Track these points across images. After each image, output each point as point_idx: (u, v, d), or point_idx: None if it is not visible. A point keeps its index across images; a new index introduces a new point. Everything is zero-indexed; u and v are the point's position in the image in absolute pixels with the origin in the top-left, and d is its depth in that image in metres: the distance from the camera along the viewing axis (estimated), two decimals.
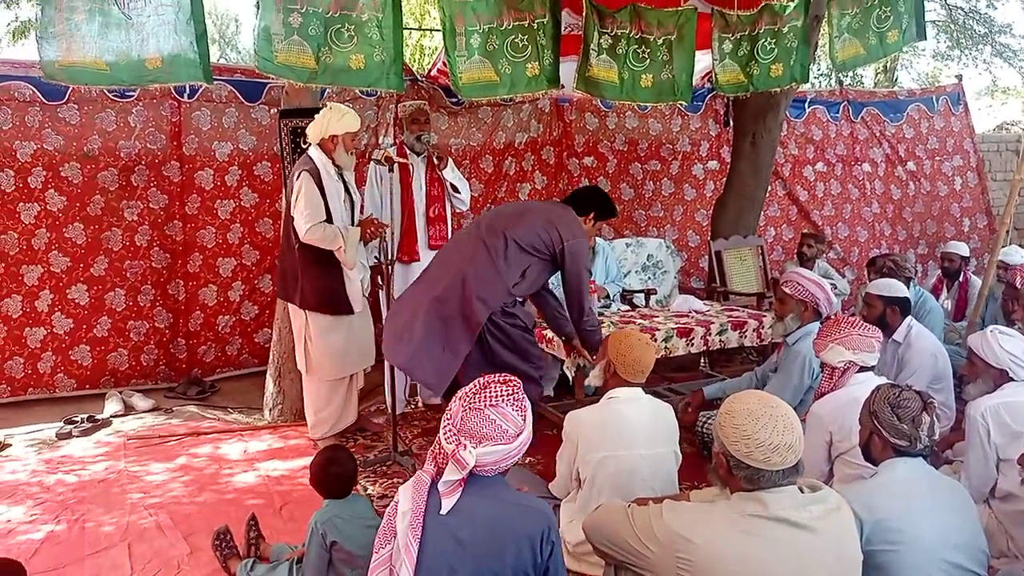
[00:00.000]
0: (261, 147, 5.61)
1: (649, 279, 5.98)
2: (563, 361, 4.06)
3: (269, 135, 5.54)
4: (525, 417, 1.91)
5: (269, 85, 5.44)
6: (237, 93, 5.49)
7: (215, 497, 3.64)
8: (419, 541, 1.82)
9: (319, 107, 4.26)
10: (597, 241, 5.16)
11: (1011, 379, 2.88)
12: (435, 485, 1.89)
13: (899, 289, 3.89)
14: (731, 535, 1.80)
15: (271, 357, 4.69)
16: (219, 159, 5.50)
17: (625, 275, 5.74)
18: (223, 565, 2.92)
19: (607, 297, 5.12)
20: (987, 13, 13.73)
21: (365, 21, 3.68)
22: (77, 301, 5.18)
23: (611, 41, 4.28)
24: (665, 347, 4.27)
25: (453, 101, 6.06)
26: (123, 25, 3.34)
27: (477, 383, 1.93)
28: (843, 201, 7.79)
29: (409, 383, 4.79)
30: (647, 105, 6.59)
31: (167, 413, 4.90)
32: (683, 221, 7.24)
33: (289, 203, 4.00)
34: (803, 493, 1.85)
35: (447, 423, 1.88)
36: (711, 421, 3.78)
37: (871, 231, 7.90)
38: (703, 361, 5.44)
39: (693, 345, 4.38)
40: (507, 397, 1.90)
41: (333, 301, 4.03)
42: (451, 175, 4.62)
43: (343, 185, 4.08)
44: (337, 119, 3.95)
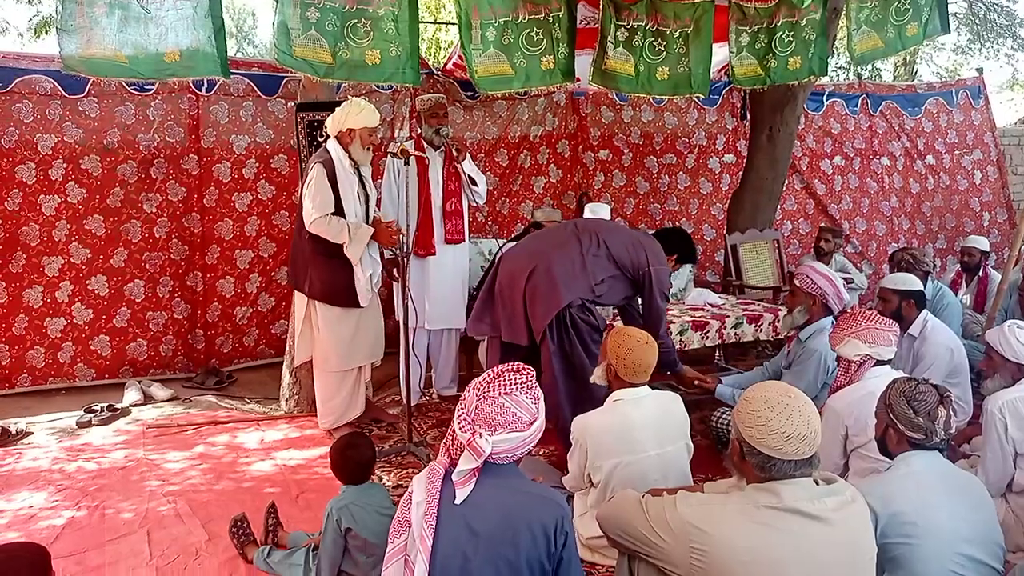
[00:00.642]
0: (278, 140, 5.65)
1: None
2: None
3: (286, 128, 5.57)
4: (539, 405, 1.92)
5: (286, 79, 5.47)
6: (254, 87, 5.53)
7: (232, 485, 3.68)
8: (434, 531, 1.83)
9: (336, 101, 4.29)
10: None
11: None
12: (449, 476, 1.90)
13: (913, 283, 3.86)
14: (745, 526, 1.80)
15: (288, 348, 4.72)
16: (236, 152, 5.54)
17: None
18: (240, 552, 2.96)
19: None
20: (1009, 6, 13.57)
21: (381, 16, 3.70)
22: (97, 292, 5.24)
23: (627, 34, 4.27)
24: (680, 340, 4.26)
25: (468, 95, 6.06)
26: (142, 19, 3.38)
27: (491, 372, 1.94)
28: (861, 195, 7.73)
29: (424, 375, 4.82)
30: (663, 98, 6.57)
31: (185, 403, 4.95)
32: (699, 215, 7.21)
33: (302, 194, 4.04)
34: (818, 485, 1.85)
35: (461, 412, 1.89)
36: (725, 416, 3.78)
37: (889, 225, 7.84)
38: (718, 354, 5.43)
39: (708, 338, 4.37)
40: (521, 385, 1.91)
41: (340, 293, 4.06)
42: (469, 168, 4.62)
43: (359, 179, 4.10)
44: (356, 113, 3.97)
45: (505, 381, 1.90)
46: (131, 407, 4.84)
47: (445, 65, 6.20)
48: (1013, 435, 2.73)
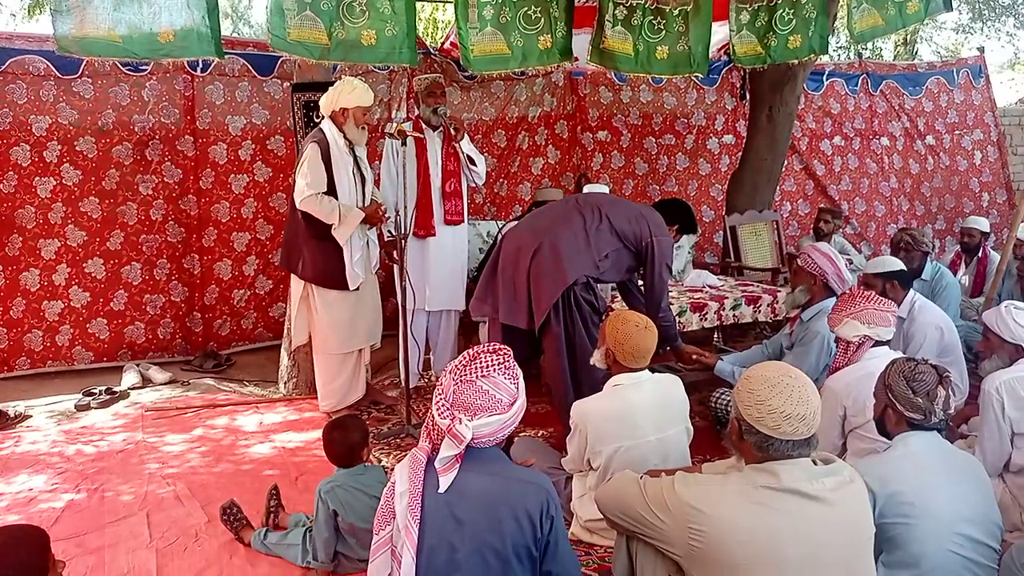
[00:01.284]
0: (274, 121, 5.60)
1: None
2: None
3: (282, 109, 5.53)
4: (518, 385, 1.89)
5: (281, 59, 5.41)
6: (250, 67, 5.48)
7: (232, 468, 3.69)
8: (419, 521, 1.80)
9: (332, 81, 4.25)
10: None
11: None
12: (431, 463, 1.86)
13: (893, 263, 3.84)
14: (743, 506, 1.80)
15: (285, 331, 4.71)
16: (232, 133, 5.50)
17: None
18: (236, 536, 2.97)
19: None
20: None
21: None
22: (94, 275, 5.22)
23: (626, 12, 4.21)
24: (679, 322, 4.25)
25: (466, 75, 6.01)
26: None
27: (466, 354, 1.90)
28: (861, 175, 7.70)
29: (422, 357, 4.82)
30: (662, 78, 6.52)
31: (184, 386, 4.95)
32: (698, 196, 7.19)
33: (296, 173, 4.02)
34: (816, 466, 1.85)
35: (439, 398, 1.84)
36: (724, 396, 3.79)
37: (889, 206, 7.82)
38: (717, 336, 5.42)
39: (707, 320, 4.37)
40: (498, 366, 1.86)
41: (332, 276, 4.05)
42: (467, 147, 4.59)
43: (354, 159, 4.07)
44: (348, 92, 3.95)
45: (481, 363, 1.86)
46: (129, 390, 4.84)
47: (442, 45, 6.15)
48: (1011, 415, 2.73)
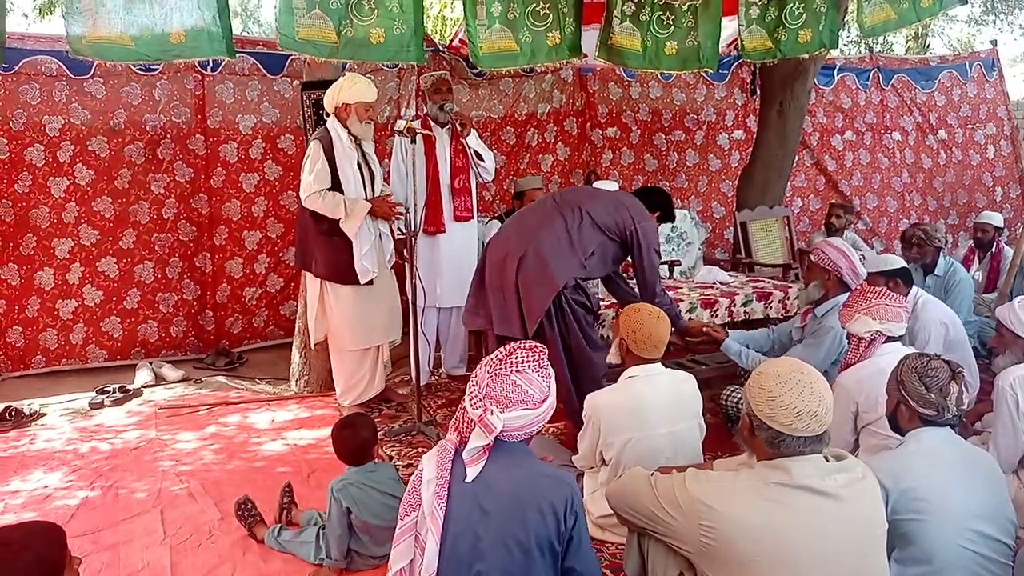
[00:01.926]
0: (284, 120, 5.62)
1: (673, 250, 5.94)
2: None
3: (292, 108, 5.54)
4: (550, 384, 1.93)
5: (291, 57, 5.43)
6: (260, 66, 5.50)
7: (244, 465, 3.71)
8: (444, 508, 1.84)
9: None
10: None
11: None
12: (459, 454, 1.90)
13: (895, 261, 3.81)
14: (755, 503, 1.80)
15: (297, 329, 4.74)
16: (243, 132, 5.52)
17: None
18: (249, 532, 2.98)
19: None
20: None
21: None
22: (107, 274, 5.26)
23: (635, 7, 4.21)
24: (689, 318, 4.24)
25: (474, 72, 6.01)
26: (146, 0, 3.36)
27: (503, 350, 1.94)
28: (872, 171, 7.65)
29: (433, 355, 4.83)
30: (671, 74, 6.50)
31: (196, 383, 4.98)
32: (708, 192, 7.16)
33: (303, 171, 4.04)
34: (828, 462, 1.85)
35: (472, 389, 1.89)
36: (735, 393, 3.78)
37: (900, 201, 7.77)
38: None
39: (717, 316, 4.35)
40: (533, 363, 1.91)
41: (341, 271, 4.06)
42: (475, 143, 4.59)
43: (360, 155, 4.08)
44: (349, 87, 3.95)
45: (517, 359, 1.91)
46: (143, 388, 4.87)
47: (451, 42, 6.15)
48: None
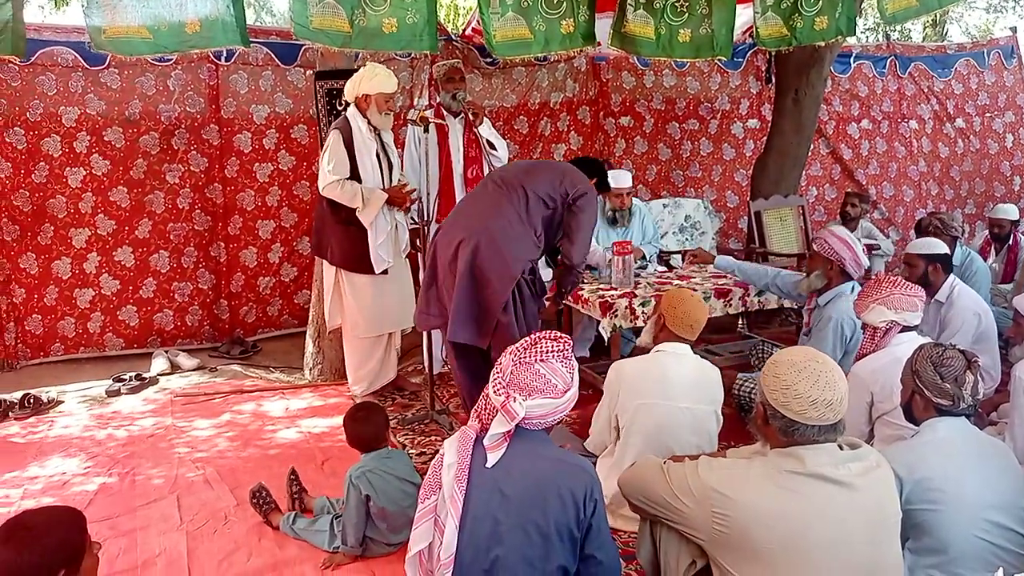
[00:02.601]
0: (297, 110, 5.63)
1: (687, 240, 5.92)
2: (599, 322, 4.06)
3: (305, 98, 5.55)
4: (573, 375, 1.94)
5: (304, 47, 5.43)
6: (273, 55, 5.51)
7: (259, 452, 3.74)
8: (464, 492, 1.86)
9: (354, 69, 4.26)
10: (634, 202, 5.11)
11: None
12: (480, 440, 1.92)
13: (939, 246, 3.79)
14: (768, 491, 1.80)
15: (310, 318, 4.77)
16: (257, 122, 5.54)
17: (662, 236, 5.68)
18: (265, 519, 3.01)
19: (644, 258, 5.08)
20: None
21: None
22: (123, 263, 5.31)
23: None
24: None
25: (487, 61, 6.00)
26: None
27: (528, 339, 1.95)
28: (889, 159, 7.58)
29: (445, 344, 4.83)
30: (685, 62, 6.46)
31: (211, 372, 5.02)
32: (721, 181, 7.12)
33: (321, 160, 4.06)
34: (842, 451, 1.84)
35: (496, 376, 1.91)
36: (748, 383, 3.77)
37: (917, 190, 7.69)
38: (741, 322, 5.40)
39: (731, 306, 4.33)
40: (557, 353, 1.93)
41: (357, 260, 4.08)
42: (487, 132, 4.58)
43: (380, 145, 4.09)
44: (370, 79, 3.96)
45: (541, 348, 1.93)
46: (159, 376, 4.92)
47: (464, 31, 6.13)
48: None
